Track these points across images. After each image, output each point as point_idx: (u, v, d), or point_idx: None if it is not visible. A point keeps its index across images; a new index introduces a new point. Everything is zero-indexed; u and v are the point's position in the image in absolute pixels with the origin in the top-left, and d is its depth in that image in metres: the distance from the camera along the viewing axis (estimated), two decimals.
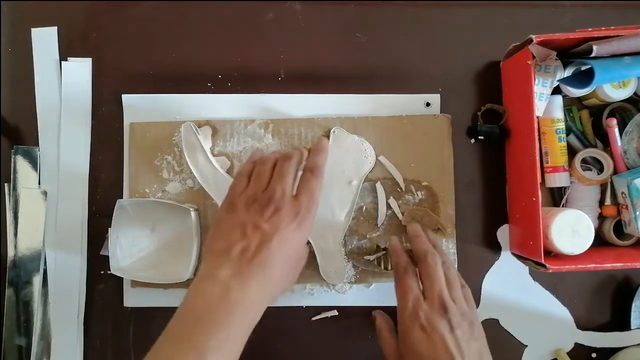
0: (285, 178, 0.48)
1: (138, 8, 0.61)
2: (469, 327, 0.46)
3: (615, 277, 0.60)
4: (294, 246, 0.46)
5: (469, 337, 0.45)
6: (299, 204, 0.47)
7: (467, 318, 0.47)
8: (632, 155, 0.54)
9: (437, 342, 0.44)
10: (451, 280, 0.49)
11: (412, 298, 0.47)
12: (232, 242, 0.45)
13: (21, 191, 0.58)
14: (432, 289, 0.47)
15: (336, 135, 0.57)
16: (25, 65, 0.60)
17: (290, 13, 0.61)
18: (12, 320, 0.57)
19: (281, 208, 0.46)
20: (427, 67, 0.61)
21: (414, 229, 0.55)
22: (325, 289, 0.58)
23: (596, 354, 0.59)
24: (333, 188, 0.56)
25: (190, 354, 0.38)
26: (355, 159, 0.57)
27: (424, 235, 0.53)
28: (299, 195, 0.48)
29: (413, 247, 0.52)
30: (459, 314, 0.46)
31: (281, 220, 0.45)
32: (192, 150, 0.56)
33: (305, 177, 0.49)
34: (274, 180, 0.48)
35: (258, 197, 0.47)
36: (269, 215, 0.45)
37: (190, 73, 0.60)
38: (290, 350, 0.59)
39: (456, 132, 0.59)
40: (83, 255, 0.59)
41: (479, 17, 0.61)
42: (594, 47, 0.47)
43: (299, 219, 0.46)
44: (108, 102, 0.60)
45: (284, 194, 0.47)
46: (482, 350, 0.46)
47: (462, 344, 0.44)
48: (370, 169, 0.57)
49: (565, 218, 0.52)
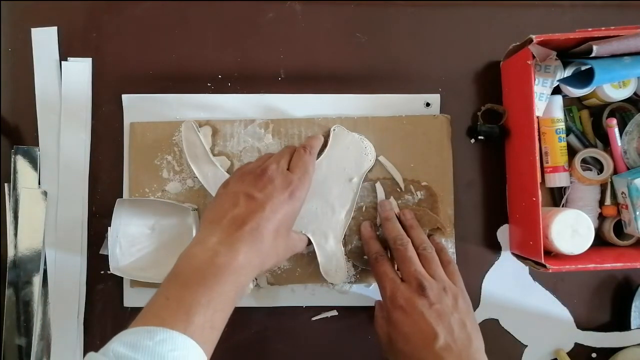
0: (282, 157, 0.51)
1: (138, 8, 0.61)
2: (452, 300, 0.47)
3: (615, 277, 0.60)
4: (286, 216, 0.47)
5: (452, 310, 0.46)
6: (292, 175, 0.49)
7: (449, 292, 0.48)
8: (632, 155, 0.54)
9: (417, 319, 0.45)
10: (428, 258, 0.50)
11: (389, 282, 0.49)
12: (224, 211, 0.46)
13: (21, 191, 0.58)
14: (406, 270, 0.49)
15: (336, 133, 0.57)
16: (25, 65, 0.60)
17: (290, 13, 0.61)
18: (12, 320, 0.57)
19: (274, 179, 0.47)
20: (427, 67, 0.61)
21: (384, 209, 0.56)
22: (325, 289, 0.58)
23: (596, 354, 0.59)
24: (333, 186, 0.56)
25: (179, 312, 0.38)
26: (356, 157, 0.57)
27: (394, 217, 0.55)
28: (292, 168, 0.50)
29: (384, 232, 0.54)
30: (438, 289, 0.47)
31: (274, 189, 0.47)
32: (193, 148, 0.56)
33: (298, 153, 0.52)
34: (270, 159, 0.51)
35: (253, 170, 0.49)
36: (262, 186, 0.47)
37: (190, 73, 0.60)
38: (290, 350, 0.59)
39: (456, 132, 0.59)
40: (83, 255, 0.59)
41: (479, 17, 0.61)
42: (594, 47, 0.47)
43: (292, 188, 0.47)
44: (108, 102, 0.60)
45: (278, 168, 0.49)
46: (464, 321, 0.46)
47: (443, 317, 0.45)
48: (370, 166, 0.57)
49: (565, 218, 0.52)
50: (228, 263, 0.42)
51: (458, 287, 0.49)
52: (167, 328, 0.37)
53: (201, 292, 0.40)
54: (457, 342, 0.44)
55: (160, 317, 0.39)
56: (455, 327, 0.45)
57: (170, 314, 0.39)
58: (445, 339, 0.44)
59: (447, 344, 0.44)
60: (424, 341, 0.44)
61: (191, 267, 0.42)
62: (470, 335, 0.46)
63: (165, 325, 0.37)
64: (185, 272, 0.42)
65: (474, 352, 0.45)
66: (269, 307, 0.59)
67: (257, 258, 0.44)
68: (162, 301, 0.40)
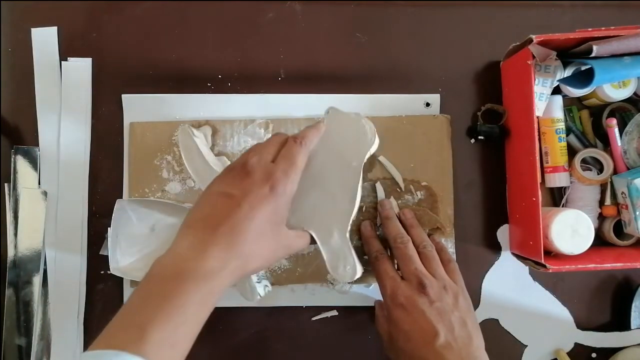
0: (266, 148, 0.45)
1: (138, 8, 0.61)
2: (452, 298, 0.47)
3: (615, 277, 0.60)
4: (269, 213, 0.42)
5: (452, 308, 0.46)
6: (274, 167, 0.43)
7: (450, 290, 0.47)
8: (632, 155, 0.54)
9: (418, 317, 0.45)
10: (429, 257, 0.50)
11: (389, 281, 0.48)
12: (199, 212, 0.42)
13: (21, 191, 0.58)
14: (406, 268, 0.49)
15: (331, 116, 0.52)
16: (25, 65, 0.60)
17: (290, 13, 0.61)
18: (12, 320, 0.57)
19: (253, 172, 0.43)
20: (427, 67, 0.61)
21: (384, 208, 0.55)
22: (325, 289, 0.58)
23: (596, 354, 0.59)
24: (332, 174, 0.50)
25: (133, 330, 0.35)
26: (354, 139, 0.51)
27: (394, 216, 0.54)
28: (277, 159, 0.44)
29: (384, 231, 0.54)
30: (438, 287, 0.47)
31: (253, 184, 0.42)
32: (189, 153, 0.56)
33: (288, 144, 0.46)
34: (253, 151, 0.45)
35: (234, 166, 0.45)
36: (240, 181, 0.42)
37: (190, 73, 0.60)
38: (290, 350, 0.59)
39: (456, 132, 0.59)
40: (83, 255, 0.59)
41: (479, 17, 0.61)
42: (594, 47, 0.47)
43: (272, 181, 0.42)
44: (108, 102, 0.60)
45: (260, 160, 0.44)
46: (465, 319, 0.46)
47: (443, 315, 0.45)
48: (371, 146, 0.51)
49: (565, 218, 0.52)
50: (195, 267, 0.38)
51: (458, 286, 0.49)
52: (117, 350, 0.34)
53: (160, 306, 0.36)
54: (458, 340, 0.44)
55: (115, 336, 0.36)
56: (455, 325, 0.45)
57: (125, 333, 0.36)
58: (445, 337, 0.44)
59: (447, 342, 0.44)
60: (425, 339, 0.44)
61: (156, 277, 0.39)
62: (471, 333, 0.46)
63: (117, 346, 0.34)
64: (149, 284, 0.39)
65: (474, 350, 0.45)
66: (269, 307, 0.59)
67: (235, 260, 0.40)
68: (119, 318, 0.38)
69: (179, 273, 0.38)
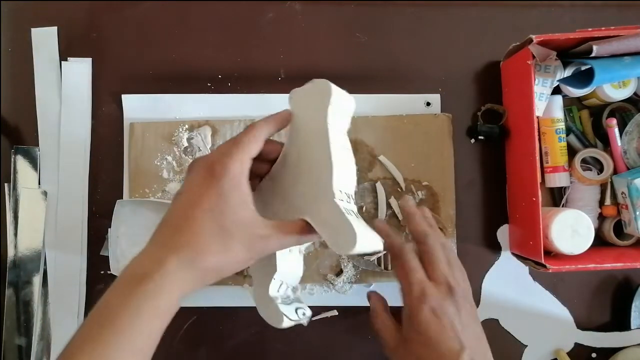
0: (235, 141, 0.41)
1: (138, 8, 0.61)
2: (470, 308, 0.45)
3: (615, 277, 0.60)
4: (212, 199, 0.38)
5: (471, 321, 0.44)
6: (215, 152, 0.39)
7: (468, 299, 0.45)
8: (632, 155, 0.54)
9: (447, 325, 0.42)
10: (452, 262, 0.46)
11: (418, 279, 0.44)
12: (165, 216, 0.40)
13: (21, 191, 0.58)
14: (436, 270, 0.44)
15: (294, 100, 0.46)
16: (25, 65, 0.60)
17: (290, 13, 0.61)
18: (12, 320, 0.57)
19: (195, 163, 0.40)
20: (427, 67, 0.61)
21: (407, 204, 0.49)
22: (325, 289, 0.58)
23: (596, 354, 0.59)
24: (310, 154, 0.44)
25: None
26: (315, 106, 0.44)
27: (419, 212, 0.49)
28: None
29: (410, 227, 0.48)
30: (462, 296, 0.44)
31: (195, 175, 0.39)
32: None
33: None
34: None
35: None
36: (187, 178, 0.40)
37: (190, 73, 0.60)
38: (290, 350, 0.59)
39: (456, 132, 0.59)
40: (83, 255, 0.59)
41: (479, 17, 0.61)
42: (594, 47, 0.47)
43: (210, 165, 0.38)
44: (108, 102, 0.60)
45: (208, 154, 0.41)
46: (480, 333, 0.44)
47: (467, 328, 0.43)
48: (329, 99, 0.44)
49: (565, 218, 0.52)
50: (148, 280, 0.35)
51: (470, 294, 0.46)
52: None
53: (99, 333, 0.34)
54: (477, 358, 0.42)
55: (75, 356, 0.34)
56: (474, 340, 0.43)
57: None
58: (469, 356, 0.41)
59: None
60: (450, 352, 0.41)
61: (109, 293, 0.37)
62: (485, 349, 0.44)
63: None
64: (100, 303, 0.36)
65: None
66: None
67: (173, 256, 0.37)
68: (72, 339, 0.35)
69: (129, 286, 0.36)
